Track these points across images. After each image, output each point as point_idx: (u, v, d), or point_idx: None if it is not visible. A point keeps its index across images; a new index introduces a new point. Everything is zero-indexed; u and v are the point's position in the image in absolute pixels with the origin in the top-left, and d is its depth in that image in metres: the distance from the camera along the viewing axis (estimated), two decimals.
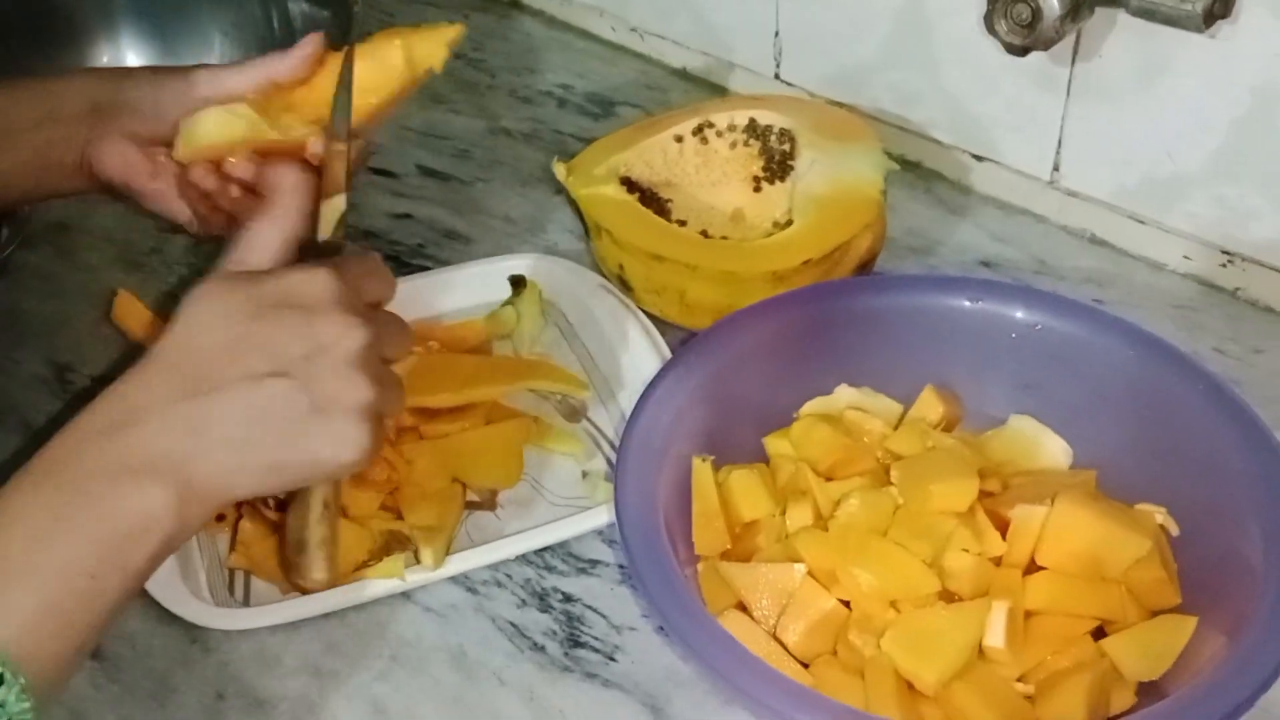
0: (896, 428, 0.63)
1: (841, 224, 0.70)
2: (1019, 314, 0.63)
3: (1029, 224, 0.81)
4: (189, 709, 0.56)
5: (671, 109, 0.85)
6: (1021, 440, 0.63)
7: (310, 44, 0.59)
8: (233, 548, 0.62)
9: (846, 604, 0.55)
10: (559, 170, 0.77)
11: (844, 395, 0.65)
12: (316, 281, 0.48)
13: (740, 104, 0.81)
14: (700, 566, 0.57)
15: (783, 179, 0.77)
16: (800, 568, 0.55)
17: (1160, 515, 0.57)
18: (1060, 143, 0.78)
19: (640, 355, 0.68)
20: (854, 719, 0.47)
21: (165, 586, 0.58)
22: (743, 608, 0.55)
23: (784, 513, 0.58)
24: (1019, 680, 0.53)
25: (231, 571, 0.61)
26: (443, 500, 0.62)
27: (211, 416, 0.45)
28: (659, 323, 0.70)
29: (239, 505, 0.63)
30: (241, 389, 0.45)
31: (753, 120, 0.78)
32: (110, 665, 0.58)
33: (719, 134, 0.79)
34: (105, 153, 0.59)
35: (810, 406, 0.65)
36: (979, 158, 0.83)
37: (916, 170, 0.86)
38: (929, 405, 0.64)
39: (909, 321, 0.65)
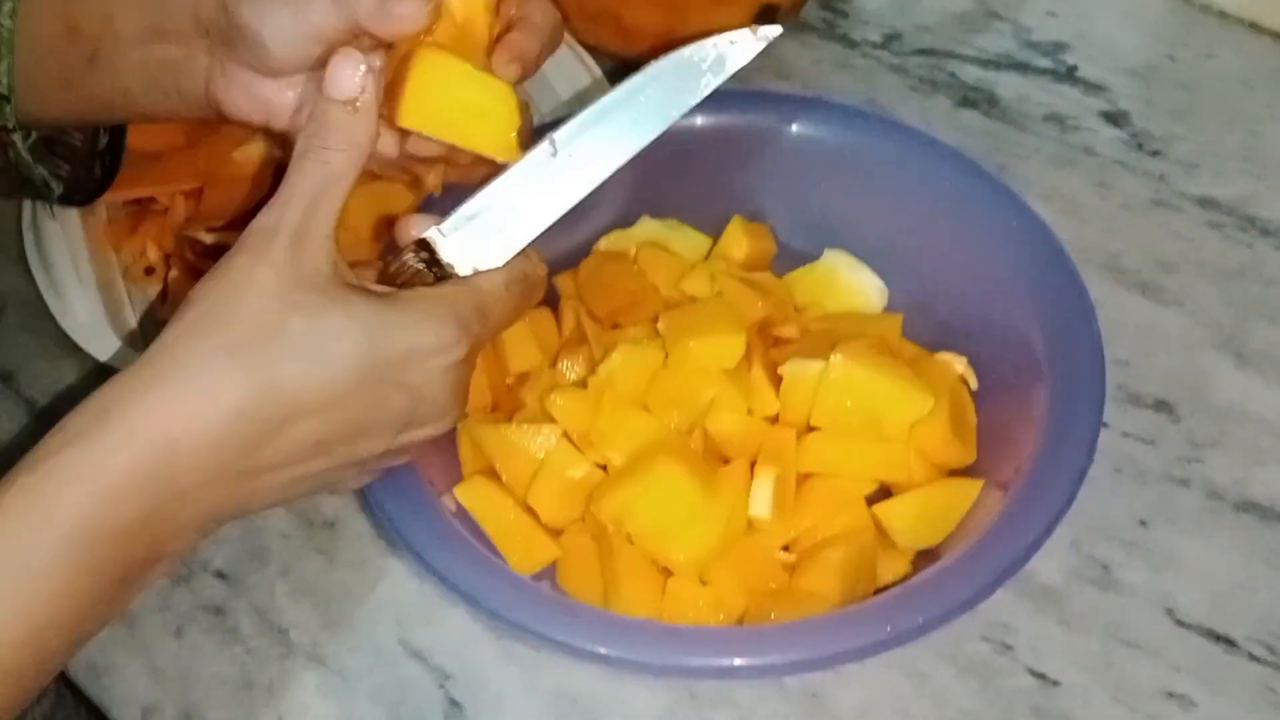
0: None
1: None
2: (837, 137, 0.56)
3: None
4: None
5: None
6: (833, 278, 0.57)
7: None
8: (164, 299, 0.60)
9: (604, 467, 0.50)
10: None
11: (646, 228, 0.58)
12: (444, 355, 0.41)
13: None
14: (460, 425, 0.52)
15: None
16: (552, 431, 0.50)
17: (961, 365, 0.51)
18: None
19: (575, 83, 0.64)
20: (562, 612, 0.44)
21: (97, 338, 0.57)
22: (495, 473, 0.51)
23: (555, 364, 0.53)
24: (785, 549, 0.49)
25: (163, 322, 0.58)
26: None
27: (259, 487, 0.41)
28: (596, 54, 0.66)
29: (167, 257, 0.61)
30: (299, 466, 0.41)
31: None
32: None
33: None
34: (233, 94, 0.46)
35: (607, 241, 0.58)
36: None
37: None
38: (734, 240, 0.57)
39: (721, 144, 0.57)
